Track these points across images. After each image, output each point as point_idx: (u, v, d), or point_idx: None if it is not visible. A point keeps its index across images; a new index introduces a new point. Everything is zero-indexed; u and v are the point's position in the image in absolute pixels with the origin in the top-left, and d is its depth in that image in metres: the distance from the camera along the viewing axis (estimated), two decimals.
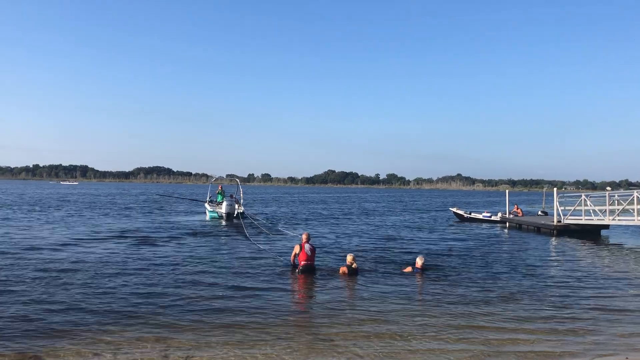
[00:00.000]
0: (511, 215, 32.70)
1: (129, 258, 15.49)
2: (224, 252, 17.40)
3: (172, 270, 13.58)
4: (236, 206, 30.67)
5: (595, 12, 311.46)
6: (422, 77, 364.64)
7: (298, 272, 13.26)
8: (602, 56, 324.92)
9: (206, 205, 33.98)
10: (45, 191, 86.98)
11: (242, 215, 29.80)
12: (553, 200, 26.47)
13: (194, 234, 22.64)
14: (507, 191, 37.21)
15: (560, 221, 25.34)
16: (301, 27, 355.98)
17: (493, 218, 34.20)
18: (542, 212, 37.16)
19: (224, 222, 29.10)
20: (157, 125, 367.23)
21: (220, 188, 35.00)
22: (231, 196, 33.32)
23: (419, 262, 14.04)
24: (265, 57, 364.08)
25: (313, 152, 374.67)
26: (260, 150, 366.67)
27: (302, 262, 13.34)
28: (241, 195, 34.60)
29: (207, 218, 31.79)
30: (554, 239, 23.86)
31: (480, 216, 35.45)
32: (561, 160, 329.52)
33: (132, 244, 18.83)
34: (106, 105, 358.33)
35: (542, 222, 27.36)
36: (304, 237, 14.06)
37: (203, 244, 19.34)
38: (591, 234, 24.83)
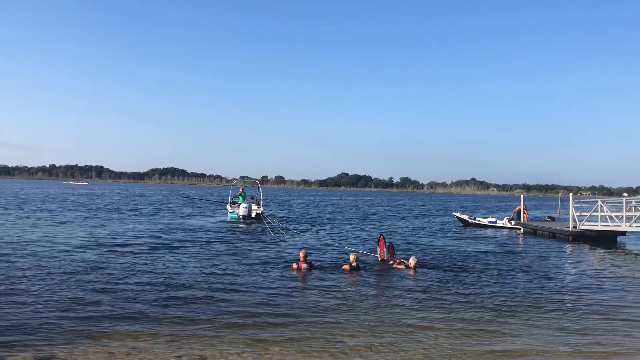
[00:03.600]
0: (513, 219, 32.46)
1: (136, 260, 15.62)
2: (236, 252, 17.49)
3: (182, 271, 13.68)
4: (254, 207, 32.18)
5: (613, 14, 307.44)
6: (437, 82, 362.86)
7: None
8: (621, 60, 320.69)
9: (227, 206, 35.00)
10: (48, 191, 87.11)
11: (261, 216, 31.08)
12: (569, 205, 26.18)
13: (210, 236, 22.89)
14: (522, 195, 36.52)
15: (575, 227, 25.05)
16: (315, 30, 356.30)
17: (498, 223, 33.33)
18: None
19: (241, 223, 29.86)
20: (172, 126, 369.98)
21: (241, 190, 36.08)
22: (252, 197, 35.12)
23: (412, 262, 14.75)
24: (281, 60, 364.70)
25: (327, 155, 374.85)
26: (273, 153, 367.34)
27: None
28: (261, 196, 35.75)
29: (228, 219, 32.79)
30: (569, 245, 23.58)
31: (485, 221, 34.36)
32: (577, 165, 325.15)
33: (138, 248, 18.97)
34: (122, 106, 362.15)
35: (558, 227, 27.07)
36: (301, 255, 14.37)
37: (217, 246, 19.48)
38: (607, 240, 24.50)
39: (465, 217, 35.70)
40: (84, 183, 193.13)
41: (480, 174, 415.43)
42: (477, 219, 35.15)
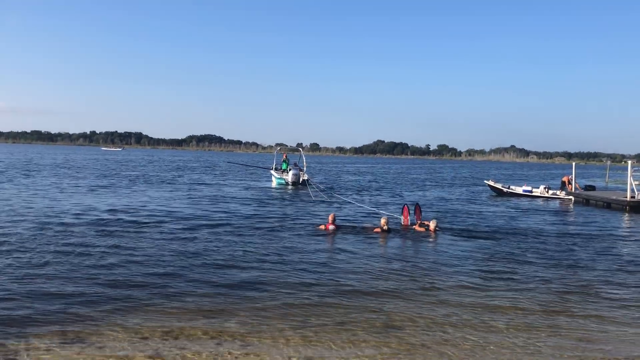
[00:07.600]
0: (562, 192, 30.49)
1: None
2: (283, 219, 17.13)
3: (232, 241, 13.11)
4: (300, 174, 32.02)
5: None
6: (476, 42, 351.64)
7: None
8: None
9: (272, 172, 35.09)
10: (77, 157, 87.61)
11: (307, 182, 30.88)
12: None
13: (262, 201, 23.27)
14: (573, 164, 33.42)
15: (634, 197, 23.39)
16: None
17: (534, 192, 31.05)
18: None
19: (290, 189, 29.94)
20: (209, 93, 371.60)
21: (285, 156, 36.27)
22: (295, 164, 35.04)
23: (432, 225, 15.28)
24: (317, 25, 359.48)
25: (362, 122, 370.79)
26: (308, 120, 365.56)
27: None
28: (304, 163, 35.92)
29: (274, 185, 32.87)
30: (626, 215, 22.08)
31: (519, 190, 31.93)
32: (620, 131, 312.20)
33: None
34: (161, 74, 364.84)
35: (613, 197, 25.45)
36: (330, 218, 14.97)
37: (272, 211, 19.51)
38: None
39: (498, 185, 33.29)
40: (118, 149, 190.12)
41: (520, 140, 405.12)
42: (511, 187, 32.87)
